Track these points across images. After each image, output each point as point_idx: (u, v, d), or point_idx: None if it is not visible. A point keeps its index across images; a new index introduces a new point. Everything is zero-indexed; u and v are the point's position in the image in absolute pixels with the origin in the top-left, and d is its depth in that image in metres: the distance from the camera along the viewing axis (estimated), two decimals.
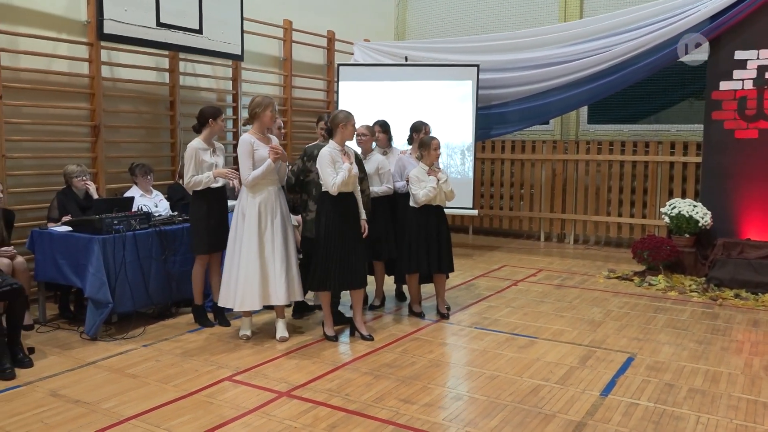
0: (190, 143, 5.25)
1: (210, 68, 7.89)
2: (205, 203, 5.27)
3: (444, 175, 5.48)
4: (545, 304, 6.18)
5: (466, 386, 4.17)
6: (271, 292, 4.95)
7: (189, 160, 5.17)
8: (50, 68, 6.21)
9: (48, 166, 6.17)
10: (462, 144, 8.52)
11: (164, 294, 5.55)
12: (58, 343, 4.97)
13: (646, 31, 7.62)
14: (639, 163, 9.05)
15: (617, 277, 7.30)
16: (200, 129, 5.37)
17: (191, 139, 5.36)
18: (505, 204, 10.15)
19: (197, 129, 5.39)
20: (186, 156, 5.19)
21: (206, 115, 5.34)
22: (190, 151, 5.19)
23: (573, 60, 8.15)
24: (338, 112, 5.03)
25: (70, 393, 4.02)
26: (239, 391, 4.05)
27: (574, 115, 9.74)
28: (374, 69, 8.96)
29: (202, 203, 5.26)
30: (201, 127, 5.36)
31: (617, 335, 5.22)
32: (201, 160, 5.21)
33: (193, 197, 5.30)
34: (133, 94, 6.97)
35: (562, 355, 4.73)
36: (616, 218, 9.28)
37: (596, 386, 4.15)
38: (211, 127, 5.34)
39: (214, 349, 4.87)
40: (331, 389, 4.09)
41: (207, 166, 5.25)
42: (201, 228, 5.26)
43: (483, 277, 7.41)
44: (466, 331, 5.34)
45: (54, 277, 5.30)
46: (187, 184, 5.21)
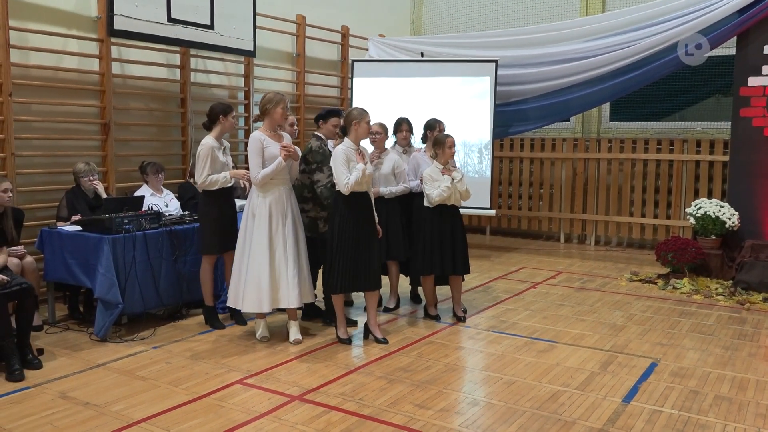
0: (204, 141, 5.27)
1: (222, 65, 7.93)
2: (216, 203, 5.30)
3: (458, 174, 5.46)
4: (565, 308, 6.14)
5: (483, 391, 4.16)
6: (282, 295, 4.96)
7: (204, 159, 5.19)
8: (60, 65, 6.27)
9: (58, 164, 6.23)
10: (479, 142, 8.50)
11: (175, 295, 5.58)
12: (68, 345, 5.02)
13: (672, 25, 7.56)
14: (663, 161, 8.98)
15: (640, 280, 7.25)
16: (211, 126, 5.40)
17: (202, 137, 5.39)
18: (523, 204, 10.11)
19: (208, 126, 5.42)
20: (201, 154, 5.21)
21: (216, 112, 5.37)
22: (206, 149, 5.21)
23: (595, 55, 8.10)
24: (352, 109, 5.03)
25: (79, 395, 4.06)
26: (250, 395, 4.07)
27: (596, 112, 9.68)
28: (389, 65, 8.96)
29: (213, 203, 5.29)
30: (212, 124, 5.39)
31: (640, 340, 5.18)
32: (215, 159, 5.24)
33: (204, 196, 5.33)
34: (143, 91, 7.02)
35: (583, 360, 4.70)
36: (639, 219, 9.21)
37: (618, 392, 4.12)
38: (221, 124, 5.37)
39: (225, 351, 4.89)
40: (344, 393, 4.09)
41: (220, 165, 5.28)
42: (211, 228, 5.30)
43: (501, 279, 7.38)
44: (483, 335, 5.32)
45: (63, 277, 5.35)
46: (202, 183, 5.22)
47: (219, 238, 5.29)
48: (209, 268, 5.43)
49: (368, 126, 5.00)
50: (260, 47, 8.03)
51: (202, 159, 5.19)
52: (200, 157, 5.21)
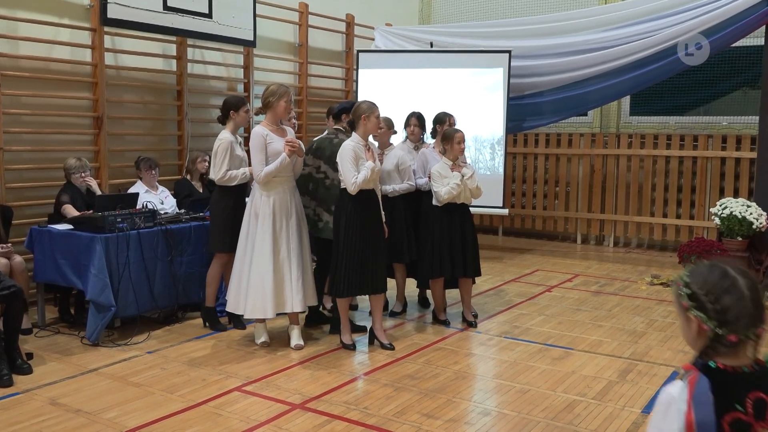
0: (222, 135, 5.32)
1: (220, 55, 7.96)
2: (232, 199, 5.35)
3: (469, 171, 5.47)
4: (582, 313, 6.14)
5: (495, 401, 4.17)
6: (287, 299, 4.98)
7: (223, 154, 5.23)
8: (51, 55, 6.30)
9: (48, 159, 6.27)
10: (492, 137, 8.50)
11: (170, 297, 5.61)
12: (58, 349, 5.05)
13: (697, 13, 7.53)
14: (687, 158, 8.95)
15: (661, 284, 7.24)
16: (224, 121, 5.46)
17: (199, 131, 5.42)
18: (538, 203, 10.10)
19: (222, 121, 5.49)
20: (219, 149, 5.25)
21: (228, 105, 5.46)
22: (224, 144, 5.25)
23: (614, 45, 8.08)
24: (361, 102, 5.04)
25: (70, 402, 4.08)
26: (249, 403, 4.09)
27: (615, 106, 9.66)
28: (396, 55, 8.97)
29: (228, 199, 5.34)
30: (225, 119, 5.45)
31: (661, 347, 5.18)
32: (234, 154, 5.28)
33: (219, 192, 5.38)
34: (138, 83, 7.06)
35: (600, 369, 4.70)
36: (660, 219, 9.19)
37: (637, 403, 4.12)
38: (233, 118, 5.41)
39: (223, 357, 4.91)
40: (348, 402, 4.10)
41: (238, 160, 5.33)
42: (225, 225, 5.33)
43: (513, 282, 7.38)
44: (494, 341, 5.33)
45: (54, 278, 5.38)
46: (221, 178, 5.25)
47: (233, 236, 5.30)
48: (219, 268, 5.46)
49: (377, 120, 5.00)
50: (260, 37, 8.05)
51: (221, 154, 5.23)
52: (218, 152, 5.25)
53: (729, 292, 1.60)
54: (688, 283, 1.65)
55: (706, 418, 1.51)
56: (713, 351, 1.61)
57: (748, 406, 1.52)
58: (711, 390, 1.54)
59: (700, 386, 1.55)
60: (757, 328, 1.60)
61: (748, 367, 1.60)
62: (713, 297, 1.60)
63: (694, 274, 1.66)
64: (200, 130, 7.55)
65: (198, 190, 6.55)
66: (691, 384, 1.56)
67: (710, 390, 1.54)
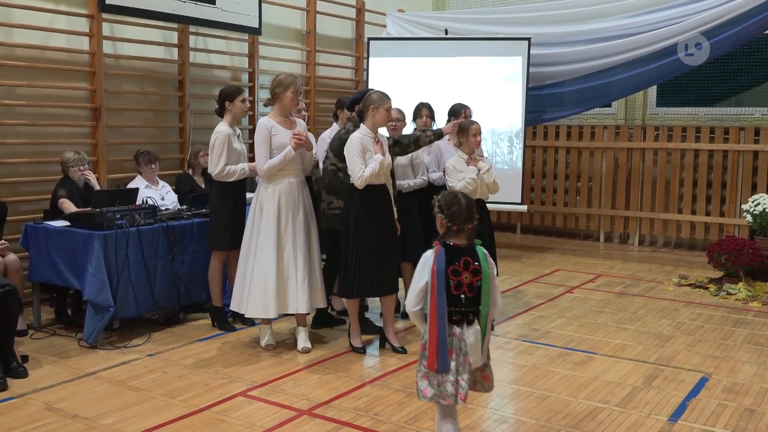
0: (219, 129, 5.33)
1: (224, 43, 7.97)
2: (232, 196, 5.37)
3: (485, 165, 5.45)
4: (605, 315, 6.12)
5: (512, 407, 4.16)
6: (290, 299, 4.99)
7: (220, 148, 5.24)
8: (47, 44, 6.33)
9: (44, 153, 6.30)
10: (510, 129, 8.47)
11: (171, 298, 5.63)
12: (55, 351, 5.08)
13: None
14: (717, 152, 8.90)
15: (689, 285, 7.20)
16: (221, 113, 5.46)
17: (201, 123, 5.44)
18: (559, 199, 10.07)
19: (219, 113, 5.50)
20: (216, 143, 5.27)
21: (222, 96, 5.46)
22: (222, 137, 5.26)
23: (641, 32, 8.03)
24: (371, 92, 5.03)
25: (67, 406, 4.11)
26: (255, 408, 4.10)
27: (641, 96, 9.61)
28: (409, 43, 8.95)
29: (228, 195, 5.36)
30: (222, 110, 5.46)
31: (689, 352, 5.15)
32: (232, 148, 5.29)
33: (217, 189, 5.40)
34: (138, 72, 7.08)
35: (624, 374, 4.69)
36: (688, 216, 9.14)
37: (664, 410, 4.10)
38: (229, 110, 5.42)
39: (227, 360, 4.93)
40: (358, 408, 4.11)
41: (236, 154, 5.34)
42: (223, 222, 5.36)
43: (532, 282, 7.37)
44: (512, 345, 5.32)
45: (50, 277, 5.41)
46: (219, 173, 5.27)
47: (231, 234, 5.32)
48: (218, 266, 5.49)
49: (387, 113, 4.98)
50: (266, 24, 8.05)
51: (218, 148, 5.25)
52: (215, 146, 5.26)
53: (455, 205, 3.18)
54: (439, 201, 3.23)
55: (440, 266, 3.08)
56: (447, 235, 3.19)
57: (461, 263, 3.11)
58: (445, 254, 3.11)
59: (440, 252, 3.11)
60: (469, 224, 3.17)
61: (464, 245, 3.17)
62: (447, 206, 3.19)
63: (442, 197, 3.25)
64: (203, 122, 7.57)
65: (200, 186, 6.57)
66: (436, 251, 3.12)
67: (444, 254, 3.11)
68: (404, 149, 5.28)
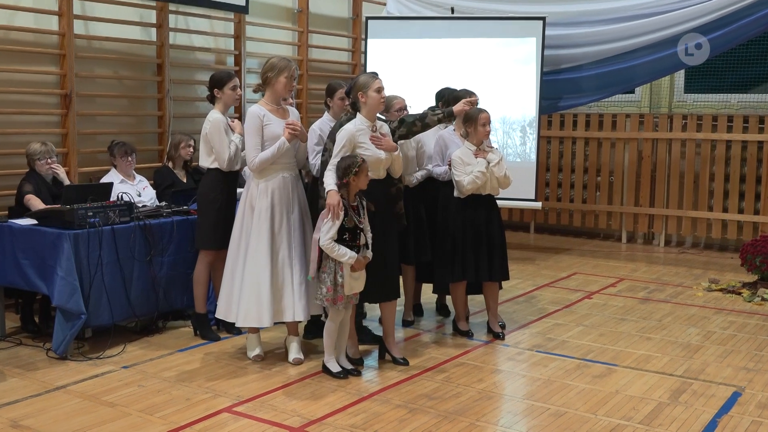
0: (212, 116, 5.36)
1: (207, 23, 7.97)
2: (226, 190, 5.38)
3: (495, 157, 5.45)
4: (627, 323, 6.13)
5: (525, 425, 4.16)
6: (286, 306, 4.99)
7: (218, 135, 5.27)
8: (11, 23, 6.33)
9: (8, 144, 6.30)
10: (522, 118, 8.48)
11: (149, 304, 5.63)
12: (20, 363, 5.08)
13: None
14: (750, 143, 8.91)
15: (720, 290, 7.21)
16: (212, 100, 5.50)
17: (182, 111, 5.44)
18: (576, 195, 10.08)
19: (210, 99, 5.54)
20: (212, 131, 5.29)
21: (212, 82, 5.51)
22: (216, 123, 5.29)
23: (667, 11, 8.04)
24: (357, 77, 5.01)
25: (34, 423, 4.11)
26: (241, 426, 4.10)
27: (667, 81, 9.62)
28: (412, 23, 8.95)
29: (221, 189, 5.36)
30: (212, 98, 5.48)
31: (720, 364, 5.16)
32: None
33: (210, 180, 5.40)
34: (112, 55, 7.08)
35: (649, 388, 4.69)
36: (720, 214, 9.15)
37: (692, 427, 4.11)
38: (218, 97, 5.43)
39: (211, 372, 4.93)
40: (356, 425, 4.11)
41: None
42: (215, 218, 5.35)
43: (547, 287, 7.38)
44: (525, 356, 5.32)
45: (15, 281, 5.40)
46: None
47: (223, 232, 5.30)
48: (205, 268, 5.49)
49: (379, 94, 4.89)
50: (254, 2, 8.06)
51: (216, 136, 5.27)
52: (212, 134, 5.29)
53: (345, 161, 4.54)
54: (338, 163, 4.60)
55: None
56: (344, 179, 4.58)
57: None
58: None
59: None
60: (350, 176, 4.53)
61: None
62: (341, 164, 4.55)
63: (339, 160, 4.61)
64: (184, 109, 7.58)
65: (181, 180, 6.57)
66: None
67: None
68: (410, 128, 5.15)
